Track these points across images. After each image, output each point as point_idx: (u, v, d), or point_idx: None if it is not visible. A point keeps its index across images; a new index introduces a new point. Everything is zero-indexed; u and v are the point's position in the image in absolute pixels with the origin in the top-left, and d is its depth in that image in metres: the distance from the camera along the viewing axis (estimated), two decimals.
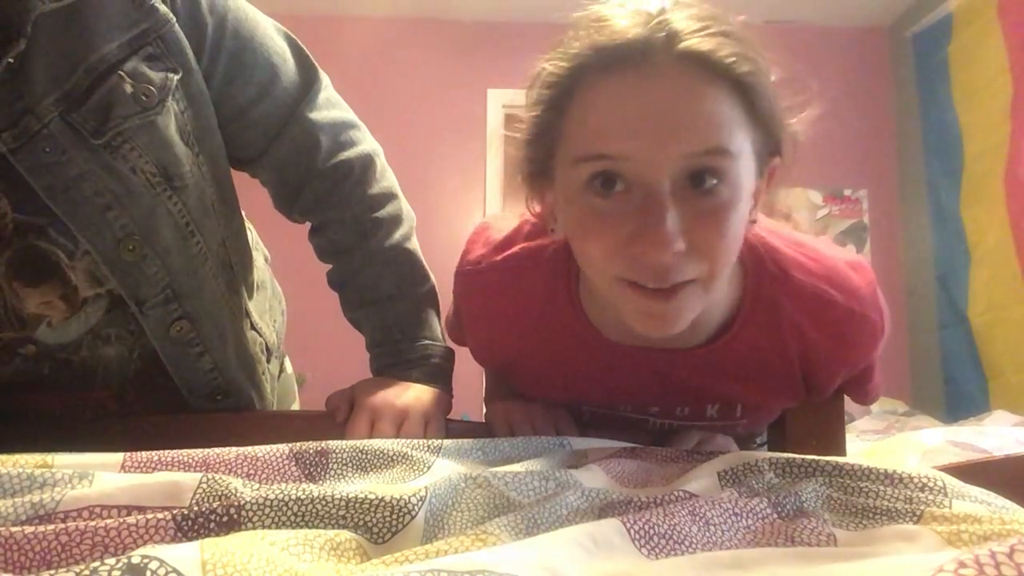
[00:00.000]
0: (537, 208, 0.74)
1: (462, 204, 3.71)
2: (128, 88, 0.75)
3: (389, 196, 0.99)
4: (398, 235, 0.98)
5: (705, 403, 0.84)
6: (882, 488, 0.59)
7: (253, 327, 1.00)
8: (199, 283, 0.85)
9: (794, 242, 0.78)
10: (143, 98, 0.76)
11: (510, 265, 0.79)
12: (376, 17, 3.83)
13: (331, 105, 0.98)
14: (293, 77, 0.92)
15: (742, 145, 0.62)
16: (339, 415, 0.87)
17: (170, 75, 0.78)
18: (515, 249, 0.80)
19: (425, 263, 1.00)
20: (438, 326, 0.98)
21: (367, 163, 0.98)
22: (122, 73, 0.74)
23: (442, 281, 0.95)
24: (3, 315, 0.78)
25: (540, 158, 0.68)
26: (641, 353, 0.76)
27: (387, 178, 1.01)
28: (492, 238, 0.83)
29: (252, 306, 1.02)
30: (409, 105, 3.76)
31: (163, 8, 0.77)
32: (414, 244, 1.00)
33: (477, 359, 0.92)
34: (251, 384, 0.95)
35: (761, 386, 0.81)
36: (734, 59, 0.61)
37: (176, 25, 0.78)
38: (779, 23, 3.93)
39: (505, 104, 3.72)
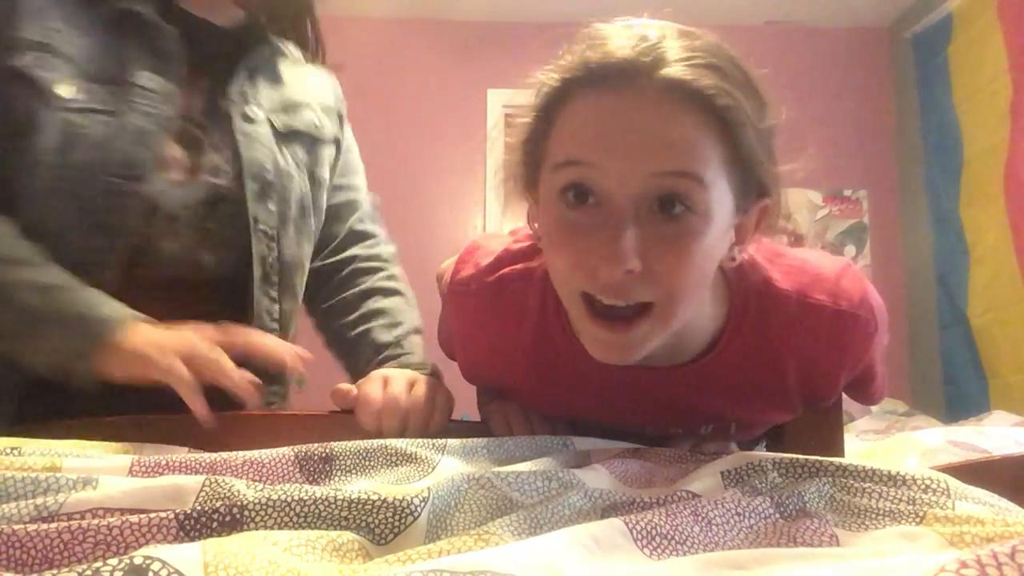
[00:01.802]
0: (533, 221, 0.74)
1: (462, 204, 3.71)
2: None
3: None
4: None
5: (698, 422, 0.84)
6: (885, 489, 0.59)
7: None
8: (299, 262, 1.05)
9: (777, 254, 0.78)
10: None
11: (501, 286, 0.80)
12: (376, 17, 3.83)
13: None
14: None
15: (716, 176, 0.63)
16: (351, 394, 0.86)
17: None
18: (505, 270, 0.80)
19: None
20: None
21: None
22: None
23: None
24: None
25: (529, 166, 0.71)
26: (629, 372, 0.75)
27: None
28: (481, 259, 0.83)
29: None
30: (409, 105, 3.76)
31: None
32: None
33: (467, 377, 0.92)
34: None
35: (752, 402, 0.81)
36: (714, 91, 0.61)
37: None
38: (779, 23, 3.94)
39: (505, 104, 3.71)
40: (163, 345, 0.79)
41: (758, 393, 0.80)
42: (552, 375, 0.81)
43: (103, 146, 0.87)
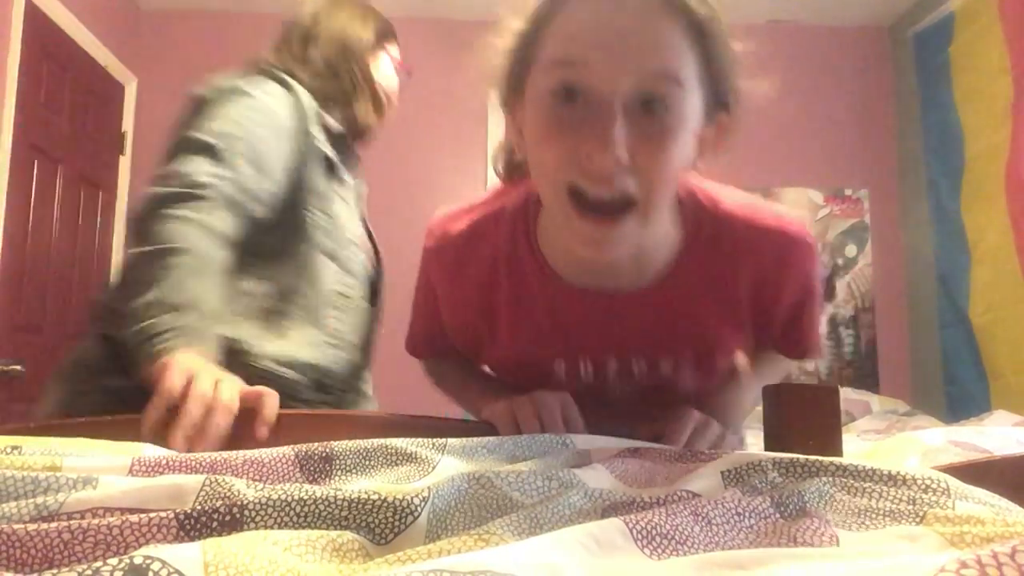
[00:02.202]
0: (516, 125, 0.79)
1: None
2: None
3: None
4: None
5: (658, 354, 0.88)
6: (885, 489, 0.59)
7: None
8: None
9: (726, 189, 0.87)
10: None
11: (473, 229, 0.88)
12: None
13: None
14: None
15: (691, 79, 0.69)
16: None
17: None
18: (475, 215, 0.89)
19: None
20: None
21: None
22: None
23: None
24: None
25: (516, 71, 0.76)
26: (595, 295, 0.82)
27: None
28: (447, 222, 0.91)
29: None
30: (409, 105, 3.75)
31: None
32: None
33: (455, 335, 0.95)
34: None
35: (708, 321, 0.87)
36: (695, 2, 0.69)
37: None
38: (779, 23, 3.93)
39: None
40: (192, 369, 0.83)
41: (712, 311, 0.86)
42: (524, 305, 0.86)
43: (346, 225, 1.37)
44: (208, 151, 1.21)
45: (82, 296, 3.32)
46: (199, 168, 1.18)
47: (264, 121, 1.29)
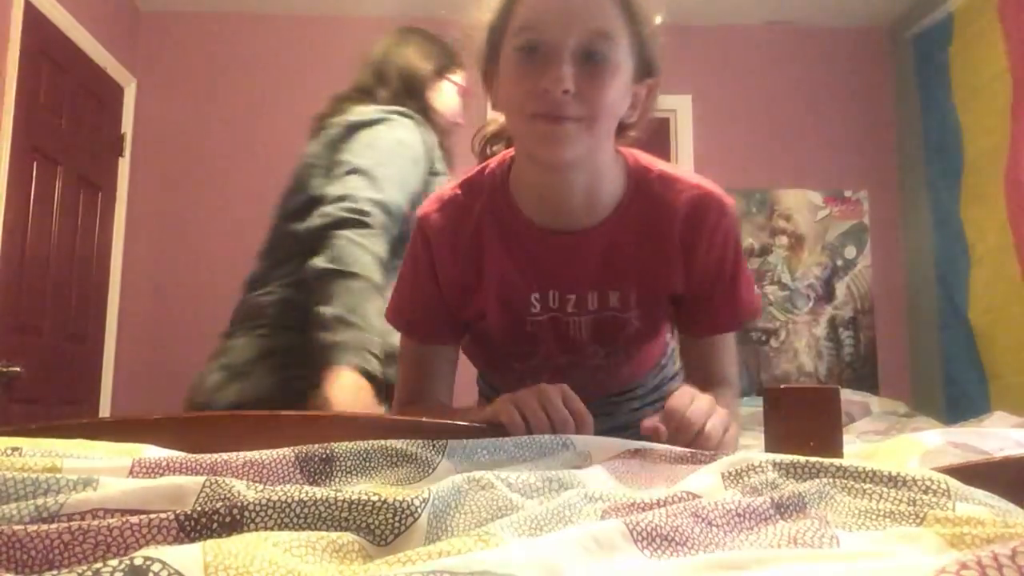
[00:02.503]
0: (492, 82, 1.02)
1: None
2: None
3: None
4: None
5: (608, 288, 1.07)
6: (885, 490, 0.59)
7: None
8: None
9: (661, 161, 1.09)
10: None
11: (461, 190, 1.10)
12: (376, 17, 3.83)
13: None
14: None
15: (622, 41, 0.94)
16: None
17: None
18: (461, 180, 1.12)
19: None
20: None
21: None
22: None
23: None
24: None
25: (493, 43, 0.99)
26: (557, 233, 1.04)
27: None
28: (439, 190, 1.14)
29: None
30: None
31: None
32: None
33: (448, 290, 1.10)
34: None
35: (649, 260, 1.05)
36: None
37: None
38: (779, 23, 3.94)
39: None
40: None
41: (649, 253, 1.05)
42: (504, 248, 1.06)
43: None
44: (366, 175, 1.50)
45: (81, 297, 3.32)
46: (361, 193, 1.48)
47: (406, 152, 1.57)
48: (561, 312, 1.08)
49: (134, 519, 0.47)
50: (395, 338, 1.22)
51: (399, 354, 1.18)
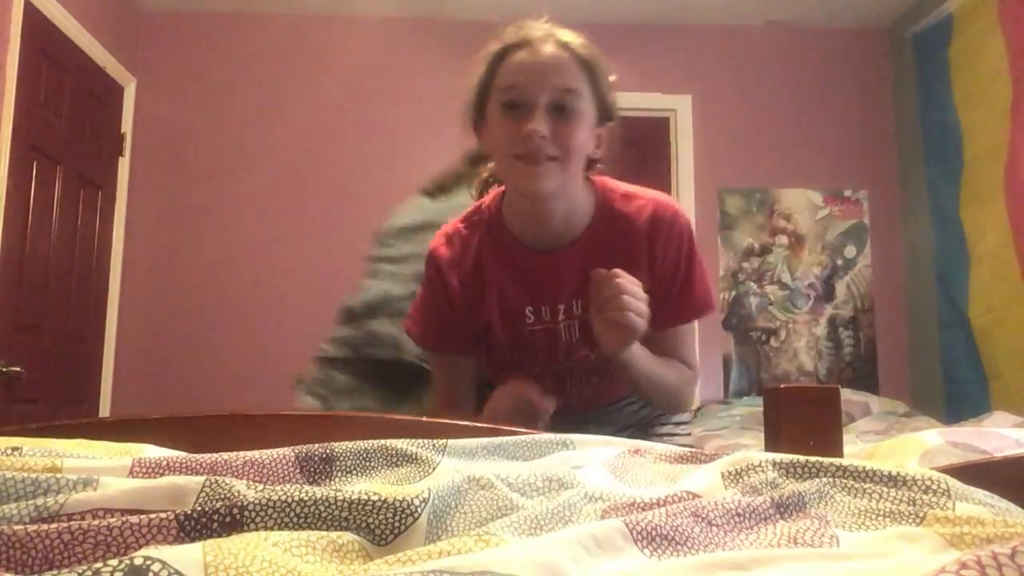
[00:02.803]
0: (482, 133, 1.24)
1: None
2: None
3: None
4: None
5: (589, 295, 1.20)
6: (885, 489, 0.59)
7: None
8: None
9: (625, 184, 1.29)
10: None
11: (465, 223, 1.31)
12: (376, 17, 3.83)
13: None
14: None
15: (584, 92, 1.15)
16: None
17: None
18: (463, 215, 1.32)
19: None
20: None
21: None
22: None
23: None
24: None
25: (479, 102, 1.21)
26: (542, 252, 1.24)
27: None
28: (446, 226, 1.33)
29: None
30: (409, 105, 3.76)
31: None
32: None
33: (460, 311, 1.28)
34: None
35: (620, 265, 1.15)
36: (585, 50, 1.18)
37: None
38: (779, 23, 3.94)
39: None
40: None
41: (623, 256, 1.20)
42: (499, 267, 1.26)
43: None
44: None
45: (81, 297, 3.32)
46: None
47: None
48: (553, 323, 1.26)
49: (134, 519, 0.47)
50: None
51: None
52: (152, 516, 0.48)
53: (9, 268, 2.80)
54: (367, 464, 0.68)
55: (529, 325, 1.26)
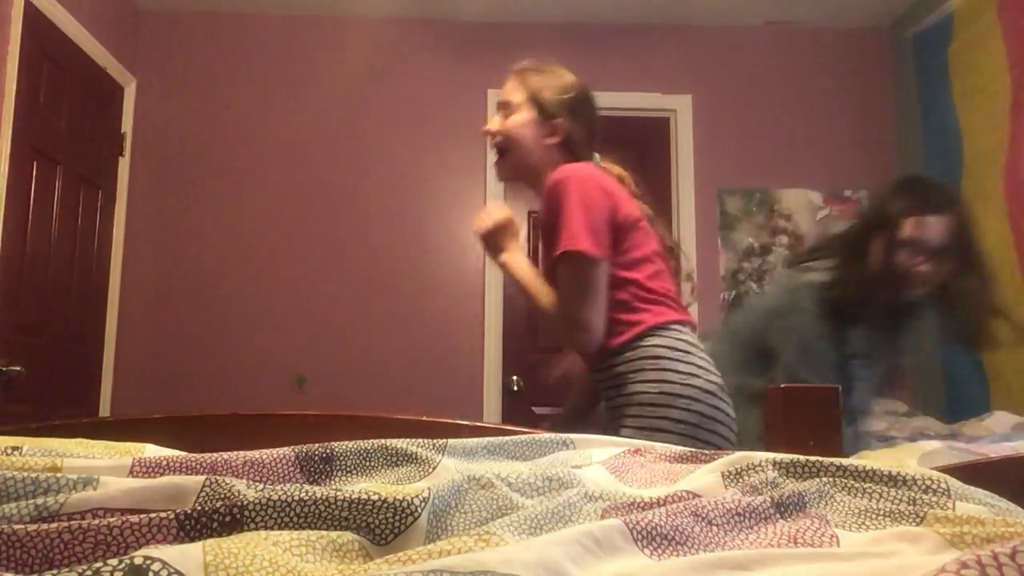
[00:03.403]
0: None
1: (462, 204, 3.71)
2: None
3: None
4: None
5: (549, 248, 1.57)
6: (885, 489, 0.59)
7: None
8: None
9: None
10: None
11: None
12: (376, 17, 3.83)
13: None
14: None
15: (523, 104, 1.63)
16: None
17: None
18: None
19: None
20: None
21: None
22: None
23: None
24: None
25: None
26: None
27: None
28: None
29: None
30: (409, 105, 3.76)
31: None
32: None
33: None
34: None
35: (549, 234, 1.55)
36: (531, 69, 1.68)
37: None
38: (779, 23, 3.94)
39: None
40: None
41: (548, 212, 1.55)
42: None
43: None
44: None
45: (81, 297, 3.32)
46: None
47: None
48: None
49: (134, 518, 0.47)
50: None
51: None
52: (152, 516, 0.48)
53: (9, 268, 2.80)
54: (367, 464, 0.68)
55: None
